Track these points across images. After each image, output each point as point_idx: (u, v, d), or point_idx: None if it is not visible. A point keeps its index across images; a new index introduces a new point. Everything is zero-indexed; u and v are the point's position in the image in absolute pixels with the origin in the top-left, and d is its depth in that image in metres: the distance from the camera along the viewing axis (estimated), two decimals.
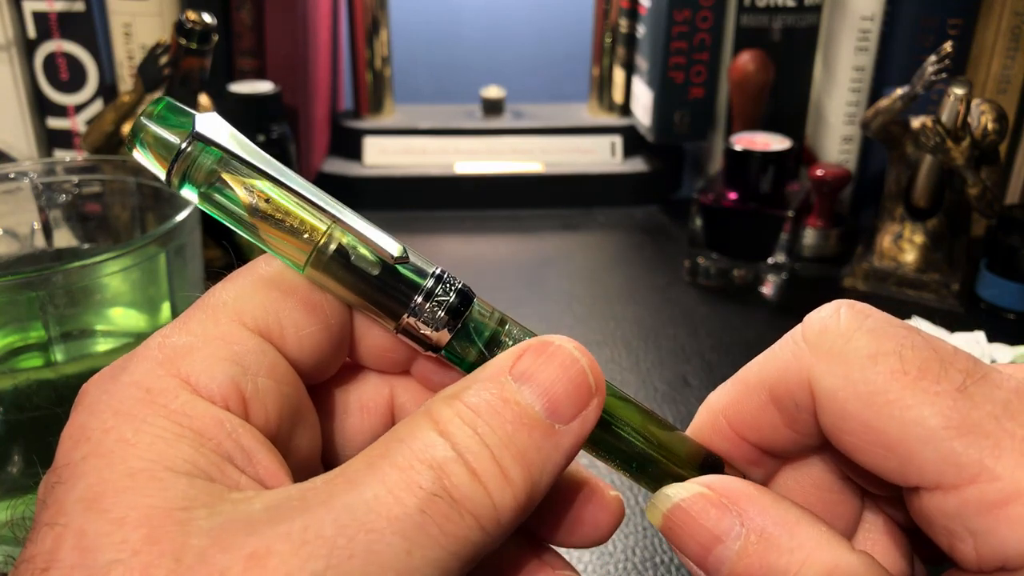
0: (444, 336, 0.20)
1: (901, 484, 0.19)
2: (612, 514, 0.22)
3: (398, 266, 0.20)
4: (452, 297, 0.20)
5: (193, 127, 0.19)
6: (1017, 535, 0.17)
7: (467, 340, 0.20)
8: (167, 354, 0.18)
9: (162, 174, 0.19)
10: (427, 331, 0.20)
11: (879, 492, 0.22)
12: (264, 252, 0.20)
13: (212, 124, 0.19)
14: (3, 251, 0.46)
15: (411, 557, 0.16)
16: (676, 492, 0.20)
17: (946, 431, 0.17)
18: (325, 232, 0.19)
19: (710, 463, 0.22)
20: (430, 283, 0.20)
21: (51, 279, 0.34)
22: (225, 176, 0.19)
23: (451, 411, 0.18)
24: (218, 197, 0.19)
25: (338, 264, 0.20)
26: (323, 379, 0.21)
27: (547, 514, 0.22)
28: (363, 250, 0.20)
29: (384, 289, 0.20)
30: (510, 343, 0.20)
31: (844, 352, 0.19)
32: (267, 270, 0.20)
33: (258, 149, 0.19)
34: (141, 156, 0.19)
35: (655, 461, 0.21)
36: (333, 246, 0.19)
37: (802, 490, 0.22)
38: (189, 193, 0.19)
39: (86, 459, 0.17)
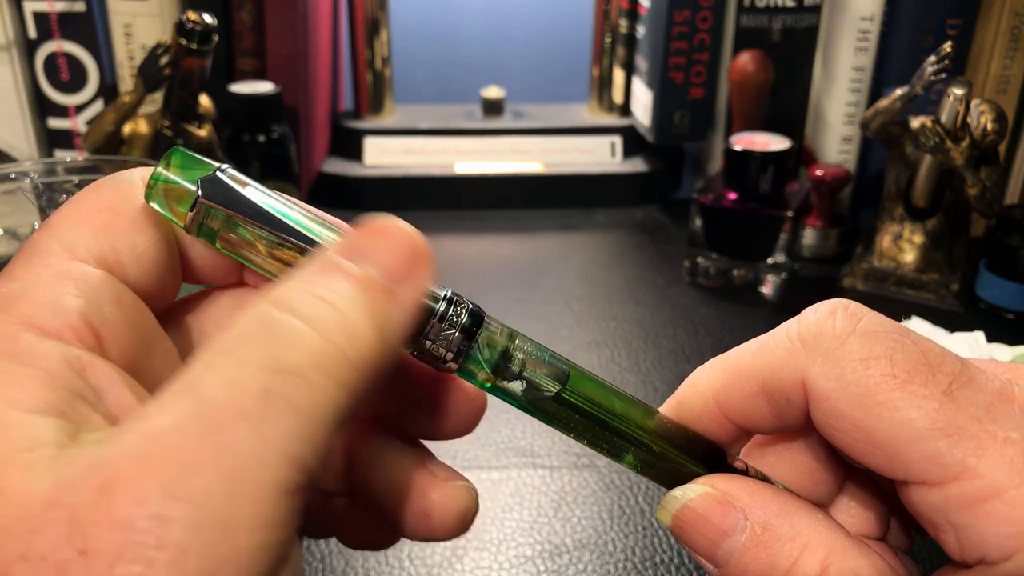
0: (458, 356, 0.21)
1: (889, 477, 0.20)
2: (476, 402, 0.23)
3: None
4: (464, 317, 0.21)
5: (197, 194, 0.19)
6: (995, 530, 0.18)
7: (480, 357, 0.21)
8: (1, 303, 0.18)
9: (179, 225, 0.20)
10: (442, 351, 0.21)
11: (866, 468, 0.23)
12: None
13: (215, 187, 0.20)
14: (3, 251, 0.46)
15: (264, 438, 0.15)
16: (684, 493, 0.22)
17: (931, 432, 0.18)
18: None
19: (712, 453, 0.23)
20: (442, 306, 0.20)
21: None
22: (238, 226, 0.20)
23: (286, 289, 0.17)
24: (234, 240, 0.20)
25: None
26: (167, 302, 0.21)
27: (416, 411, 0.23)
28: None
29: None
30: (520, 356, 0.22)
31: (838, 355, 0.20)
32: (86, 198, 0.20)
33: (265, 200, 0.20)
34: (157, 208, 0.20)
35: (663, 459, 0.22)
36: None
37: (784, 465, 0.23)
38: (206, 242, 0.20)
39: None
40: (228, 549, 0.15)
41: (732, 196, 0.63)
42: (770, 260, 0.63)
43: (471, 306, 0.21)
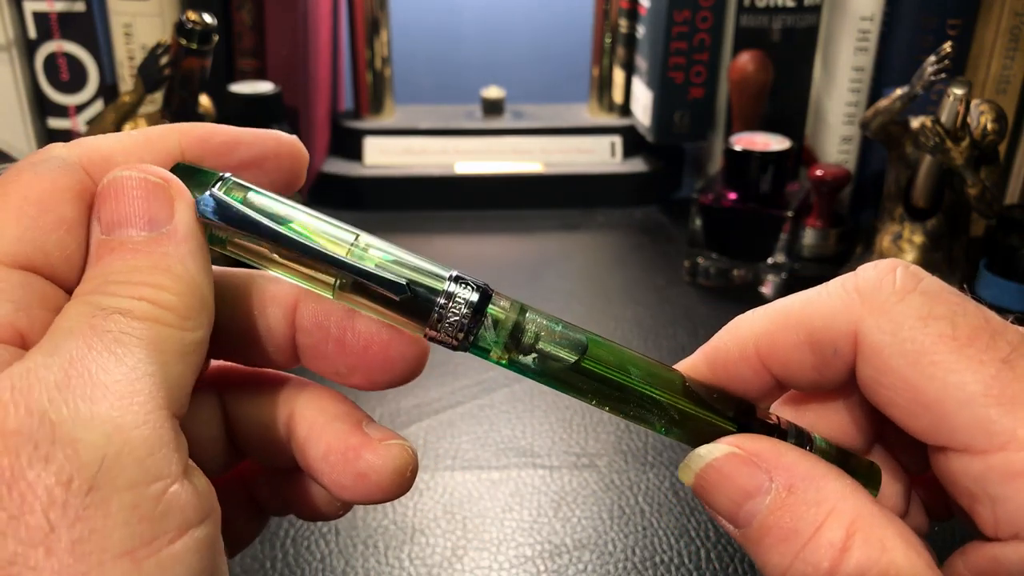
0: (469, 334, 0.21)
1: (929, 443, 0.19)
2: (416, 345, 0.22)
3: (416, 276, 0.21)
4: (472, 295, 0.21)
5: (197, 208, 0.20)
6: None
7: (491, 334, 0.21)
8: None
9: None
10: (453, 331, 0.21)
11: (896, 440, 0.22)
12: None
13: (210, 204, 0.20)
14: None
15: (122, 362, 0.17)
16: (708, 452, 0.21)
17: (985, 398, 0.18)
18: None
19: (741, 409, 0.22)
20: (449, 286, 0.21)
21: None
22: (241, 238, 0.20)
23: (83, 290, 0.18)
24: (242, 246, 0.21)
25: (359, 291, 0.21)
26: None
27: (358, 362, 0.22)
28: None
29: (407, 302, 0.21)
30: (533, 329, 0.22)
31: (896, 310, 0.19)
32: (13, 190, 0.19)
33: (267, 204, 0.20)
34: None
35: (689, 418, 0.22)
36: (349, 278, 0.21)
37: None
38: (216, 247, 0.21)
39: None
40: (120, 439, 0.16)
41: (732, 196, 0.63)
42: (770, 260, 0.63)
43: (478, 284, 0.21)
